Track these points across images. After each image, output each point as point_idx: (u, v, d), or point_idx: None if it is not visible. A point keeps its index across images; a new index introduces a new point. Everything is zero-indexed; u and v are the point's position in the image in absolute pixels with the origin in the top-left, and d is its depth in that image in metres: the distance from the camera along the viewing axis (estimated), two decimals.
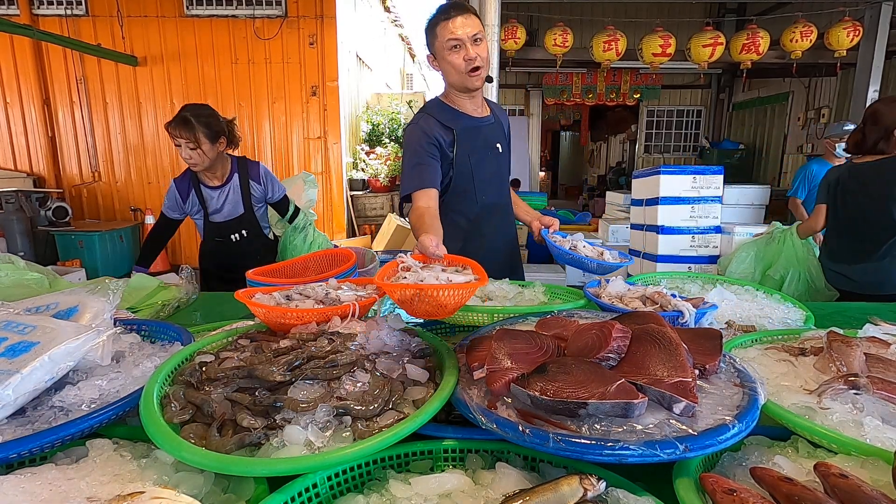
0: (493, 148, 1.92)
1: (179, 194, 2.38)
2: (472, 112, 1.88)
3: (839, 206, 2.50)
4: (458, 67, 1.72)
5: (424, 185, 1.75)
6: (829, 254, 2.62)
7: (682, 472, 0.67)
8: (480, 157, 1.89)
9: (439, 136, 1.81)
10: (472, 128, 1.87)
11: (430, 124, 1.82)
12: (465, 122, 1.86)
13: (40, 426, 0.77)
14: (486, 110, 1.93)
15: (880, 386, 0.83)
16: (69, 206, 6.04)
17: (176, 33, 6.53)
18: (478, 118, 1.89)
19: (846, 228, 2.51)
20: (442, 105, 1.88)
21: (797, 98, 7.12)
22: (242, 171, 2.44)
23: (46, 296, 1.13)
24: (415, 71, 16.16)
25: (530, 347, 0.91)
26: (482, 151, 1.89)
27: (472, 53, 1.69)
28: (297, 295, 1.19)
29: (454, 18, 1.67)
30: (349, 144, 7.63)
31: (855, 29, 4.84)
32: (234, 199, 2.42)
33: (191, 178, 2.37)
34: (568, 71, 7.36)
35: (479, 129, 1.89)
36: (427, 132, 1.80)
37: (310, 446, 0.70)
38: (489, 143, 1.91)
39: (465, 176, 1.88)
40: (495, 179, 1.95)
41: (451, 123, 1.83)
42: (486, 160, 1.90)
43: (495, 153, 1.92)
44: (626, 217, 4.90)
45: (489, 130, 1.91)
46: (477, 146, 1.87)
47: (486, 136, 1.90)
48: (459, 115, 1.86)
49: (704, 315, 1.25)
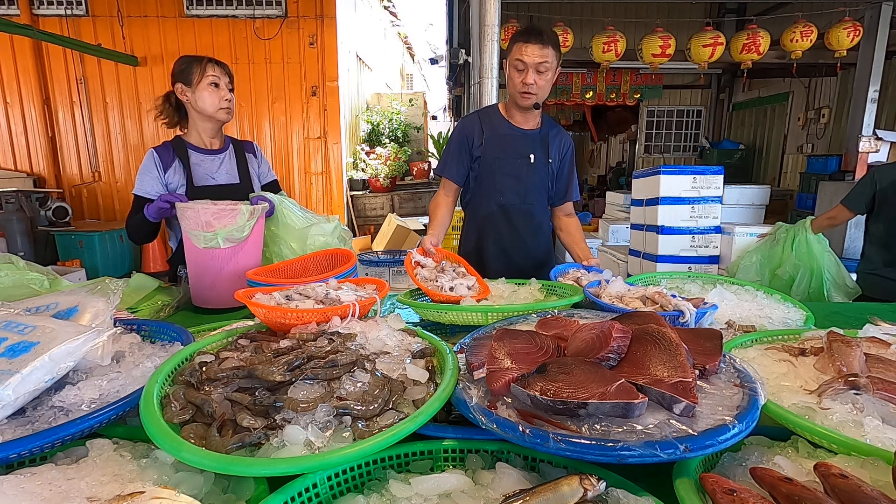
0: (525, 157, 2.07)
1: (162, 162, 1.94)
2: (518, 123, 2.07)
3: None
4: (516, 85, 1.92)
5: (445, 173, 2.11)
6: (884, 259, 2.55)
7: (682, 472, 0.67)
8: (507, 161, 2.06)
9: (472, 135, 2.06)
10: (506, 135, 2.06)
11: (472, 124, 2.09)
12: (502, 128, 2.07)
13: (40, 426, 0.77)
14: (536, 125, 2.09)
15: (880, 386, 0.83)
16: (69, 206, 6.04)
17: (176, 33, 6.54)
18: (518, 128, 2.07)
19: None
20: (494, 110, 2.11)
21: (797, 98, 7.11)
22: (236, 143, 2.17)
23: (46, 296, 1.13)
24: (415, 71, 16.16)
25: (530, 347, 0.91)
26: (511, 158, 2.06)
27: (530, 80, 1.87)
28: (297, 295, 1.19)
29: (529, 44, 1.84)
30: (349, 144, 7.63)
31: (855, 29, 4.83)
32: (229, 168, 2.11)
33: (175, 146, 1.99)
34: (568, 71, 7.36)
35: (513, 138, 2.06)
36: (464, 130, 2.09)
37: (310, 446, 0.70)
38: (521, 152, 2.07)
39: (489, 176, 2.09)
40: (518, 185, 2.09)
41: (488, 127, 2.06)
42: (513, 166, 2.06)
43: (525, 161, 2.07)
44: (626, 217, 4.90)
45: (527, 141, 2.06)
46: (507, 152, 2.06)
47: (520, 145, 2.06)
48: (502, 121, 2.07)
49: (704, 315, 1.26)
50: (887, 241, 2.56)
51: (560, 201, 2.22)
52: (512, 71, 1.91)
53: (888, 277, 2.50)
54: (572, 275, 1.70)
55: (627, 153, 9.92)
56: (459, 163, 2.09)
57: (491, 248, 2.15)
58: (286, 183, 7.02)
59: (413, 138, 8.94)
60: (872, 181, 2.57)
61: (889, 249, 2.55)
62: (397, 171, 7.96)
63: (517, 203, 2.11)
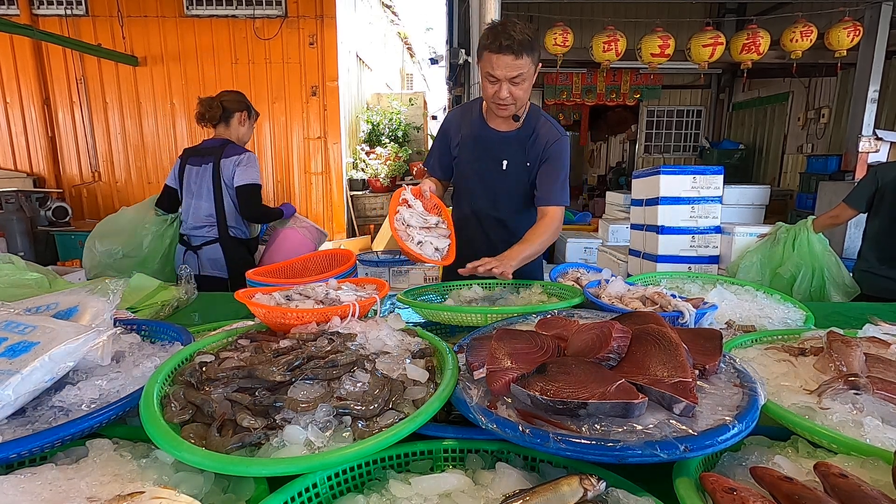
0: (497, 161, 1.90)
1: None
2: (495, 124, 1.90)
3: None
4: (487, 97, 1.76)
5: (427, 165, 2.06)
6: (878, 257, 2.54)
7: (683, 471, 0.67)
8: (477, 165, 1.94)
9: (451, 133, 1.97)
10: (479, 137, 1.91)
11: (453, 120, 1.99)
12: (478, 129, 1.91)
13: (40, 426, 0.77)
14: (515, 125, 1.88)
15: (880, 386, 0.83)
16: (69, 206, 6.04)
17: (176, 33, 6.53)
18: (494, 130, 1.90)
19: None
20: (476, 107, 1.95)
21: (797, 98, 7.11)
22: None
23: (46, 296, 1.13)
24: (415, 71, 16.16)
25: (530, 347, 0.91)
26: (480, 161, 1.93)
27: (503, 94, 1.68)
28: (297, 295, 1.19)
29: (502, 56, 1.60)
30: (349, 144, 7.63)
31: (855, 29, 4.83)
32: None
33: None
34: (568, 71, 7.36)
35: (486, 141, 1.91)
36: (447, 127, 2.00)
37: (310, 446, 0.70)
38: (492, 156, 1.91)
39: (462, 179, 2.00)
40: (487, 191, 1.95)
41: (465, 126, 1.94)
42: (482, 170, 1.93)
43: (496, 167, 1.91)
44: (626, 217, 4.89)
45: (502, 145, 1.89)
46: (478, 157, 1.93)
47: (493, 149, 1.91)
48: (479, 122, 1.92)
49: (704, 315, 1.26)
50: (881, 239, 2.57)
51: (540, 203, 1.88)
52: (484, 81, 1.70)
53: (881, 275, 2.51)
54: (571, 275, 1.70)
55: (627, 153, 9.92)
56: (440, 158, 2.01)
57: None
58: (286, 183, 7.02)
59: (413, 138, 8.94)
60: (874, 179, 2.57)
61: (882, 246, 2.56)
62: (397, 171, 7.96)
63: (488, 210, 1.96)
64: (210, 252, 2.52)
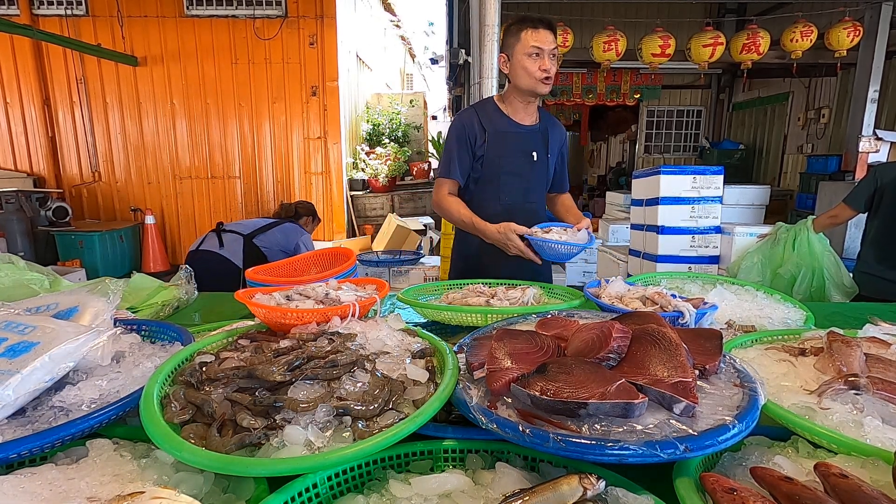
0: (528, 154, 2.02)
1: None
2: (519, 118, 2.00)
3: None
4: (533, 73, 1.86)
5: (452, 175, 2.00)
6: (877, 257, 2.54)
7: (683, 471, 0.67)
8: (511, 160, 2.01)
9: (473, 132, 1.98)
10: (509, 132, 2.00)
11: (472, 120, 2.00)
12: (503, 125, 1.99)
13: (40, 426, 0.77)
14: (535, 119, 2.04)
15: (880, 386, 0.83)
16: (69, 206, 6.04)
17: (176, 33, 6.54)
18: (519, 124, 2.01)
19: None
20: (492, 105, 2.03)
21: (797, 98, 7.11)
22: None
23: (46, 296, 1.13)
24: (415, 71, 16.16)
25: (530, 347, 0.91)
26: (514, 156, 2.00)
27: (547, 65, 1.85)
28: (297, 295, 1.19)
29: (541, 30, 1.83)
30: (349, 144, 7.63)
31: (855, 29, 4.83)
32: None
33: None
34: (568, 71, 7.35)
35: (517, 135, 2.00)
36: (464, 127, 1.99)
37: (310, 446, 0.70)
38: (524, 150, 2.01)
39: (492, 175, 2.01)
40: (521, 183, 2.04)
41: (489, 124, 1.98)
42: (516, 164, 2.01)
43: (528, 160, 2.02)
44: (626, 217, 4.89)
45: (528, 137, 2.02)
46: (509, 150, 2.00)
47: (522, 143, 2.01)
48: (502, 117, 2.00)
49: (704, 315, 1.25)
50: (879, 239, 2.56)
51: (557, 189, 2.21)
52: (525, 60, 1.85)
53: (881, 276, 2.50)
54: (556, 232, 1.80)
55: (627, 153, 9.92)
56: (463, 162, 2.00)
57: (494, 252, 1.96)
58: (286, 183, 7.03)
59: (413, 138, 8.95)
60: (874, 178, 2.57)
61: (881, 247, 2.55)
62: (397, 171, 7.96)
63: (521, 202, 2.05)
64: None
